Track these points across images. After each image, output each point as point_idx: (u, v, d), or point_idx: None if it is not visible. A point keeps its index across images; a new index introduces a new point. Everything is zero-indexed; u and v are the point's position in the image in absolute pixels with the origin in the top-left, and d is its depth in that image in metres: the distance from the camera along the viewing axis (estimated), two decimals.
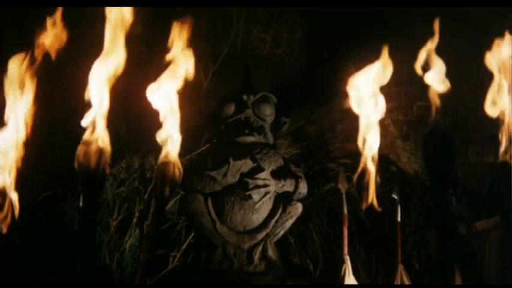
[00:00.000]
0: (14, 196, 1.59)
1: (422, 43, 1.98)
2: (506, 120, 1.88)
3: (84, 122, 1.53)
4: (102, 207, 2.60)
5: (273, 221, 2.44)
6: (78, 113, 1.59)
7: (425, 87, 1.92)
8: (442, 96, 1.84)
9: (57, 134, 2.54)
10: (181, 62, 1.70)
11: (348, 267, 2.13)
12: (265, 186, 2.42)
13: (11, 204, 1.57)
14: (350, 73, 1.93)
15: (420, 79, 1.91)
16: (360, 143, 1.91)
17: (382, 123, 2.01)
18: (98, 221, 2.51)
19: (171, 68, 1.69)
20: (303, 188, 2.52)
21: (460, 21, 2.77)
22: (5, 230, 1.53)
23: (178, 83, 1.68)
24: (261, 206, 2.42)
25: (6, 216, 1.54)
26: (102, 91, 1.58)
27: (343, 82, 1.95)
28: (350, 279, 2.11)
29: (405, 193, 2.69)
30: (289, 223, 2.48)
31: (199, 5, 2.79)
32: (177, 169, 1.58)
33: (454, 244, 1.97)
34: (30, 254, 2.13)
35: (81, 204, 1.46)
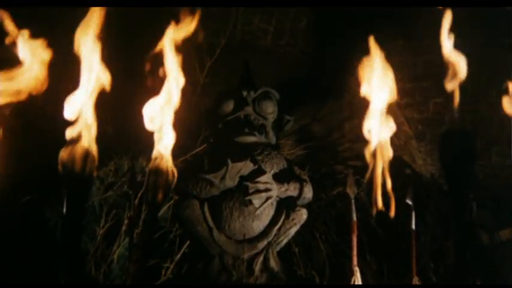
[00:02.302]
0: None
1: (439, 34, 1.98)
2: None
3: (69, 116, 1.52)
4: (87, 214, 2.60)
5: (276, 228, 2.44)
6: (61, 109, 1.59)
7: (443, 82, 1.92)
8: (462, 90, 1.84)
9: (37, 132, 2.53)
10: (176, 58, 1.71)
11: (357, 279, 2.13)
12: (267, 190, 2.42)
13: None
14: (361, 66, 1.93)
15: (437, 73, 1.90)
16: (370, 142, 1.91)
17: (396, 122, 2.01)
18: (83, 229, 2.50)
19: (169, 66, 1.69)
20: (308, 193, 2.52)
21: (482, 12, 2.76)
22: None
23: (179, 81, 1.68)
24: (262, 213, 2.42)
25: None
26: (87, 85, 1.58)
27: (353, 76, 1.95)
28: None
29: (421, 198, 2.69)
30: (293, 231, 2.48)
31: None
32: (171, 172, 1.58)
33: (475, 255, 1.96)
34: (7, 265, 2.13)
35: (64, 210, 1.45)
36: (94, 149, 1.53)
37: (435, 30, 1.98)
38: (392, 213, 1.93)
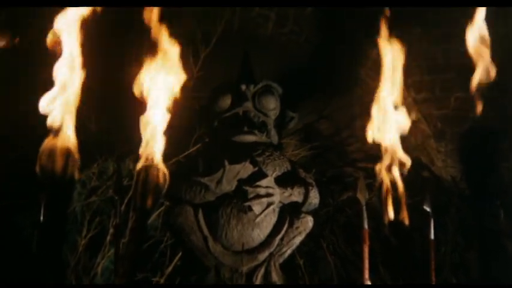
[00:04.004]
0: None
1: (461, 21, 1.98)
2: None
3: (46, 112, 1.53)
4: (68, 222, 2.59)
5: (278, 238, 2.44)
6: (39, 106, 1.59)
7: (466, 74, 1.92)
8: (486, 84, 1.84)
9: (12, 130, 2.53)
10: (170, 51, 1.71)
11: None
12: (268, 195, 2.42)
13: None
14: (374, 57, 1.93)
15: (459, 64, 1.90)
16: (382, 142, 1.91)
17: (412, 119, 2.01)
18: (63, 239, 2.50)
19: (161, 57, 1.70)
20: (314, 198, 2.53)
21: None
22: None
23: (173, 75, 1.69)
24: (263, 220, 2.43)
25: None
26: (68, 77, 1.58)
27: (365, 68, 1.95)
28: None
29: (440, 204, 2.69)
30: (297, 241, 2.48)
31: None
32: (162, 174, 1.58)
33: (501, 267, 1.97)
34: None
35: (42, 217, 1.45)
36: (76, 149, 1.53)
37: (457, 16, 1.98)
38: (407, 221, 1.93)
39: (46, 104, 1.56)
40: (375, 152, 2.08)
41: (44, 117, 1.58)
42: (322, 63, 3.52)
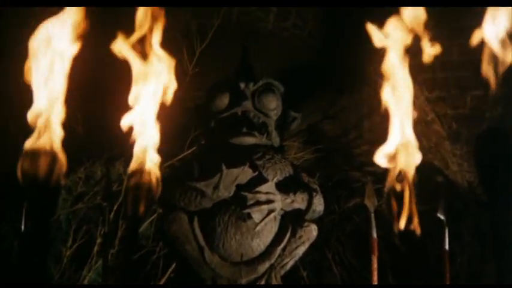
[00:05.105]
0: None
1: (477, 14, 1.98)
2: None
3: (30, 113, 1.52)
4: (52, 231, 2.59)
5: (279, 248, 2.45)
6: (22, 106, 1.58)
7: (483, 71, 1.91)
8: (506, 81, 1.83)
9: None
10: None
11: None
12: (269, 202, 2.43)
13: None
14: (383, 53, 1.92)
15: (476, 60, 1.90)
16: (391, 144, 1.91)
17: (425, 120, 2.01)
18: (47, 249, 2.49)
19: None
20: (319, 205, 2.52)
21: None
22: None
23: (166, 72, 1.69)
24: (263, 229, 2.43)
25: None
26: (54, 74, 1.57)
27: (373, 65, 1.95)
28: None
29: (455, 212, 2.69)
30: (300, 251, 2.48)
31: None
32: (154, 179, 1.57)
33: None
34: None
35: (23, 226, 1.44)
36: (61, 152, 1.52)
37: (473, 8, 1.98)
38: (419, 229, 1.93)
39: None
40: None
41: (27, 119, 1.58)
42: (327, 59, 3.53)
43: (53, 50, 1.63)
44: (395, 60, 1.90)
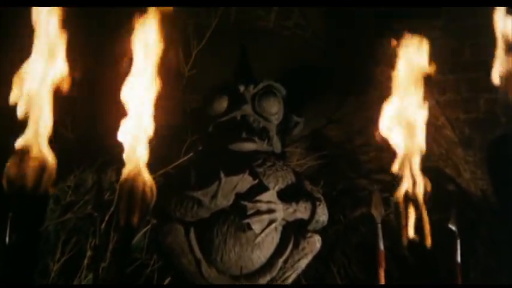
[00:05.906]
0: None
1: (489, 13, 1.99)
2: None
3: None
4: (39, 243, 2.59)
5: (281, 260, 2.44)
6: (9, 111, 1.59)
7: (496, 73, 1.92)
8: None
9: None
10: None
11: None
12: (270, 212, 2.42)
13: None
14: (391, 53, 1.93)
15: (489, 61, 1.90)
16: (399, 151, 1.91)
17: (435, 124, 2.01)
18: (34, 263, 2.49)
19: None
20: (322, 215, 2.52)
21: None
22: None
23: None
24: (264, 240, 2.42)
25: None
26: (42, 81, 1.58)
27: (380, 67, 1.95)
28: None
29: (468, 222, 2.69)
30: (303, 263, 2.48)
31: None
32: (148, 188, 1.57)
33: None
34: None
35: (7, 238, 1.44)
36: (50, 159, 1.52)
37: (485, 7, 1.99)
38: (429, 241, 1.93)
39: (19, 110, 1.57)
40: (392, 163, 2.07)
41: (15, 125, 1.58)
42: (331, 60, 3.54)
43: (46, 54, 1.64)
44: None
